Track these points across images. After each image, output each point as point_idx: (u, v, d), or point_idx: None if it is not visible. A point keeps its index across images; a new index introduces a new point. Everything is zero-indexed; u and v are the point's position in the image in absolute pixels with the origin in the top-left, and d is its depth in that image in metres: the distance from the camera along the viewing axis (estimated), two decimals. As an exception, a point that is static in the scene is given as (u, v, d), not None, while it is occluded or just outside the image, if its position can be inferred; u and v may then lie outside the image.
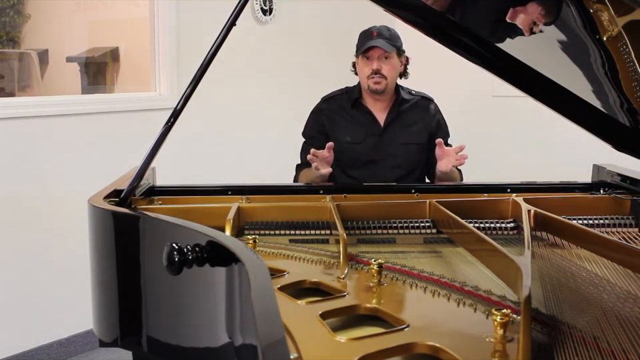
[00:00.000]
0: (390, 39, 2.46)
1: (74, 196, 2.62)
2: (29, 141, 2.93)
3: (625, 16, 1.41)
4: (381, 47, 2.42)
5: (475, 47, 1.66)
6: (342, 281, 1.45)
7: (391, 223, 1.86)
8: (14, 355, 2.93)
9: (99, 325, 1.66)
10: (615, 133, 1.71)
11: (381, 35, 2.45)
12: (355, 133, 2.53)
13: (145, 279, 1.51)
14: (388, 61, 2.47)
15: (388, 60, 2.46)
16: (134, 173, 1.79)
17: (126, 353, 1.65)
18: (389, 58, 2.46)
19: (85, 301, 1.84)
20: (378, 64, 2.45)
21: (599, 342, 1.10)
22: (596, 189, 2.06)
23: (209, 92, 3.24)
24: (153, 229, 1.53)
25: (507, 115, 4.19)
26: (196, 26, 3.41)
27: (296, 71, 4.00)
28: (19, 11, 4.94)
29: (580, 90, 1.67)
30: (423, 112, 2.58)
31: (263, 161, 3.78)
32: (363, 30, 2.53)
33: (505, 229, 1.84)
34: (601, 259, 1.54)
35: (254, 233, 1.83)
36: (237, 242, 1.24)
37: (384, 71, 2.46)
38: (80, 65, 4.58)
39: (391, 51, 2.44)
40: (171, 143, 1.82)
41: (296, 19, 3.98)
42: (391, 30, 2.50)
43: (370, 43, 2.44)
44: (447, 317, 1.27)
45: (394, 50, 2.46)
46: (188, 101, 1.80)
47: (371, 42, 2.44)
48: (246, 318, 1.06)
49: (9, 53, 4.70)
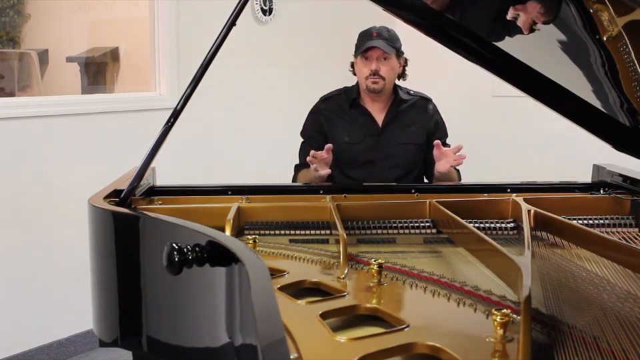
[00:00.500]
0: (389, 40, 2.45)
1: (74, 196, 2.62)
2: (29, 141, 2.93)
3: (625, 16, 1.41)
4: (380, 47, 2.42)
5: (474, 46, 1.66)
6: (342, 280, 1.45)
7: (391, 223, 1.86)
8: (14, 354, 2.93)
9: (99, 325, 1.66)
10: (615, 133, 1.71)
11: (381, 36, 2.45)
12: (353, 133, 2.53)
13: (145, 279, 1.51)
14: (387, 62, 2.46)
15: (387, 61, 2.46)
16: (134, 173, 1.79)
17: (126, 353, 1.65)
18: (388, 59, 2.46)
19: (85, 301, 1.84)
20: (377, 64, 2.45)
21: (599, 342, 1.10)
22: (596, 189, 2.06)
23: (209, 92, 3.24)
24: (153, 229, 1.53)
25: (507, 115, 4.18)
26: (196, 26, 3.41)
27: (296, 71, 4.00)
28: (19, 11, 4.93)
29: (580, 90, 1.67)
30: (421, 112, 2.57)
31: (262, 160, 3.78)
32: (363, 30, 2.53)
33: (505, 229, 1.84)
34: (601, 259, 1.54)
35: (254, 232, 1.83)
36: (237, 242, 1.24)
37: (382, 71, 2.46)
38: (80, 64, 4.58)
39: (390, 52, 2.44)
40: (171, 143, 1.82)
41: (296, 19, 3.98)
42: (391, 31, 2.49)
43: (369, 43, 2.44)
44: (447, 317, 1.27)
45: (393, 51, 2.46)
46: (188, 101, 1.80)
47: (370, 42, 2.44)
48: (246, 318, 1.06)
49: (9, 53, 4.70)
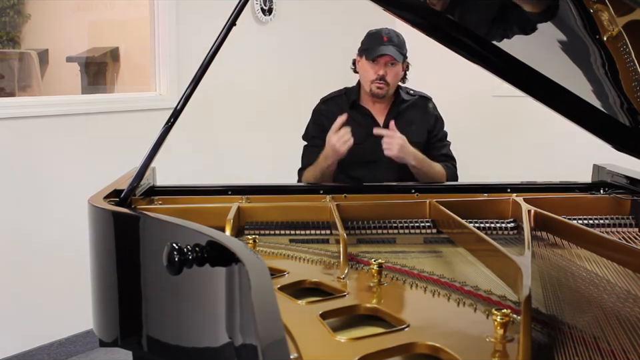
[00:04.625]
0: (399, 46, 2.44)
1: (74, 196, 2.62)
2: (29, 141, 2.93)
3: (625, 16, 1.40)
4: (392, 54, 2.41)
5: (474, 46, 1.66)
6: (342, 280, 1.45)
7: (391, 223, 1.86)
8: (14, 354, 2.93)
9: (98, 325, 1.66)
10: (615, 133, 1.71)
11: (391, 42, 2.43)
12: (354, 133, 2.51)
13: (145, 279, 1.51)
14: (393, 68, 2.45)
15: (394, 67, 2.45)
16: (134, 173, 1.79)
17: (126, 353, 1.65)
18: (395, 65, 2.45)
19: (84, 301, 1.84)
20: (385, 70, 2.44)
21: (599, 342, 1.10)
22: (596, 189, 2.06)
23: (209, 92, 3.25)
24: (153, 229, 1.53)
25: (507, 115, 4.18)
26: (196, 26, 3.41)
27: (296, 71, 4.00)
28: (19, 11, 4.94)
29: (580, 90, 1.67)
30: (421, 111, 2.57)
31: (263, 160, 3.78)
32: (372, 31, 2.51)
33: (505, 228, 1.84)
34: (601, 259, 1.54)
35: (254, 232, 1.83)
36: (237, 242, 1.24)
37: (389, 77, 2.45)
38: (80, 65, 4.59)
39: (400, 59, 2.44)
40: (171, 143, 1.82)
41: (296, 19, 3.97)
42: (400, 36, 2.48)
43: (382, 49, 2.42)
44: (447, 317, 1.27)
45: (402, 58, 2.46)
46: (188, 101, 1.80)
47: (382, 48, 2.42)
48: (246, 318, 1.06)
49: (9, 53, 4.70)
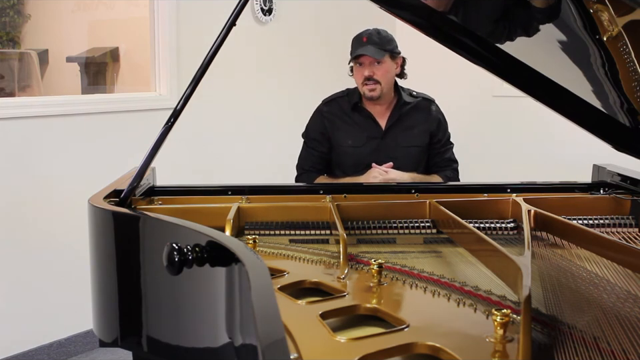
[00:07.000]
0: (379, 44, 2.41)
1: (74, 196, 2.62)
2: (29, 141, 2.93)
3: (625, 16, 1.41)
4: (370, 54, 2.40)
5: (475, 46, 1.66)
6: (342, 281, 1.45)
7: (391, 223, 1.86)
8: (14, 355, 2.93)
9: (98, 325, 1.66)
10: (615, 133, 1.71)
11: (370, 41, 2.41)
12: (356, 136, 2.52)
13: (145, 279, 1.51)
14: (380, 66, 2.43)
15: (380, 65, 2.43)
16: (134, 173, 1.79)
17: (126, 353, 1.65)
18: (381, 62, 2.43)
19: (84, 301, 1.84)
20: (370, 70, 2.42)
21: (599, 342, 1.10)
22: (596, 189, 2.06)
23: (209, 92, 3.25)
24: (153, 229, 1.53)
25: (506, 115, 4.19)
26: (196, 26, 3.41)
27: (296, 71, 4.00)
28: (19, 11, 4.94)
29: (580, 90, 1.67)
30: (424, 114, 2.56)
31: (263, 160, 3.78)
32: (356, 34, 2.49)
33: (505, 228, 1.84)
34: (601, 259, 1.54)
35: (254, 233, 1.83)
36: (237, 242, 1.24)
37: (377, 76, 2.43)
38: (80, 65, 4.59)
39: (381, 56, 2.41)
40: (171, 143, 1.82)
41: (296, 19, 3.97)
42: (382, 33, 2.45)
43: (360, 50, 2.41)
44: (447, 317, 1.27)
45: (384, 55, 2.42)
46: (188, 101, 1.80)
47: (361, 49, 2.41)
48: (246, 318, 1.06)
49: (9, 53, 4.70)
